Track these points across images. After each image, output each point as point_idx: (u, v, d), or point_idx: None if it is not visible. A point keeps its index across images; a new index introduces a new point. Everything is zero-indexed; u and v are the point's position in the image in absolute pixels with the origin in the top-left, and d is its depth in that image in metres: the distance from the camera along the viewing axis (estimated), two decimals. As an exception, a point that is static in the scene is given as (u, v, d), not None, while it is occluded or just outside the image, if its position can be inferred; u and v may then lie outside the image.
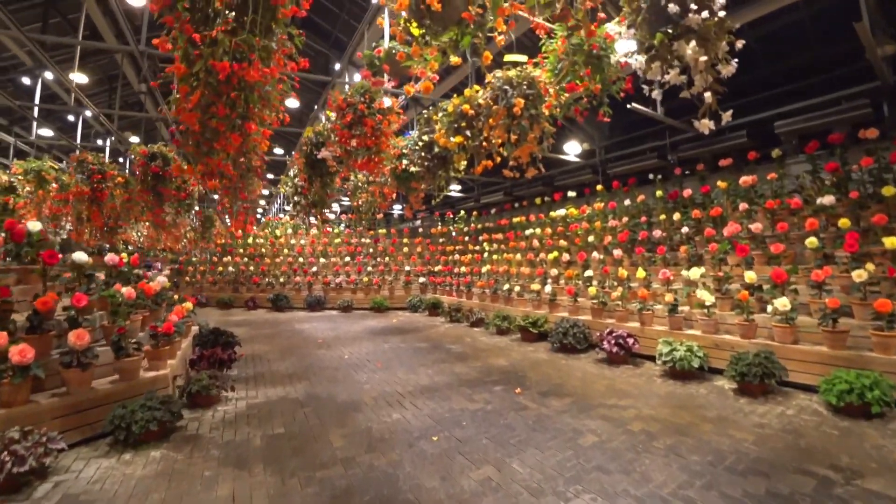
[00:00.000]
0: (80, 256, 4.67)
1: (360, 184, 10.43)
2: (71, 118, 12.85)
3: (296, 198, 8.18)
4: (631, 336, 6.11)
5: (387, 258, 14.10)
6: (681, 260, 7.27)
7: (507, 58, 5.63)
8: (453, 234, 13.93)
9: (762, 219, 6.66)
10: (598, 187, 9.63)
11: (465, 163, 7.54)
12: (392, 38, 5.31)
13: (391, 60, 4.98)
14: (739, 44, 2.48)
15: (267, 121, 3.38)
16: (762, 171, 7.01)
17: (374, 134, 5.72)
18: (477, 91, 5.59)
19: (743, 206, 6.79)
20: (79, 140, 11.45)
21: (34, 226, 5.16)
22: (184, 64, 2.81)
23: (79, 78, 9.47)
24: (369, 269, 13.61)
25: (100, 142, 12.19)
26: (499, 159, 6.27)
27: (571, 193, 10.58)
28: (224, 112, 3.06)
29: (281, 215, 25.69)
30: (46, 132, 12.04)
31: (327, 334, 8.88)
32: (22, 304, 4.21)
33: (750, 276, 5.60)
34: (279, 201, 23.04)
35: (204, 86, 2.89)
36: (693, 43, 2.58)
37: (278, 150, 17.01)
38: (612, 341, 6.09)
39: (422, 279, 13.11)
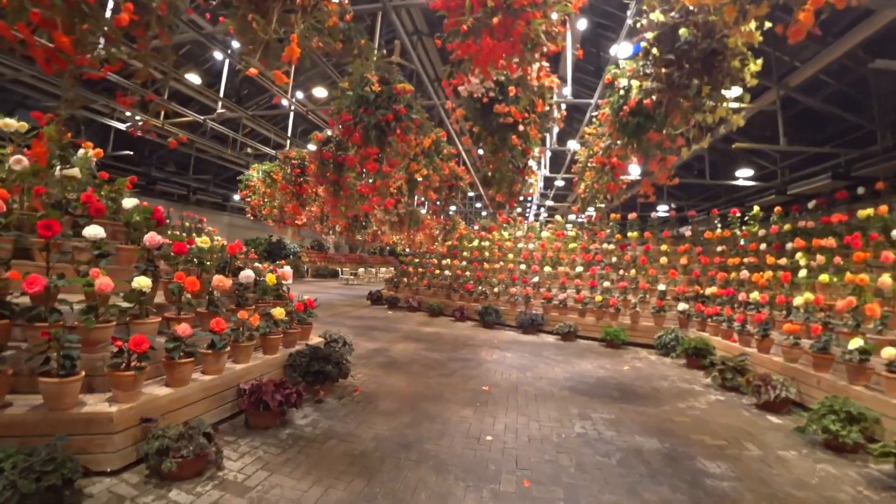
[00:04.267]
0: (92, 231, 3.48)
1: (579, 156, 7.23)
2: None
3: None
4: None
5: (633, 271, 10.11)
6: None
7: None
8: (741, 240, 8.83)
9: None
10: None
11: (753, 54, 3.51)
12: None
13: None
14: None
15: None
16: None
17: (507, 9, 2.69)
18: None
19: None
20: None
21: (130, 202, 4.43)
22: None
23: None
24: (606, 284, 9.98)
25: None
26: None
27: None
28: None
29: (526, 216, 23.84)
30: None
31: (506, 378, 6.01)
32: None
33: None
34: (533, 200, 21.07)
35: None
36: None
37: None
38: None
39: (683, 305, 8.67)
